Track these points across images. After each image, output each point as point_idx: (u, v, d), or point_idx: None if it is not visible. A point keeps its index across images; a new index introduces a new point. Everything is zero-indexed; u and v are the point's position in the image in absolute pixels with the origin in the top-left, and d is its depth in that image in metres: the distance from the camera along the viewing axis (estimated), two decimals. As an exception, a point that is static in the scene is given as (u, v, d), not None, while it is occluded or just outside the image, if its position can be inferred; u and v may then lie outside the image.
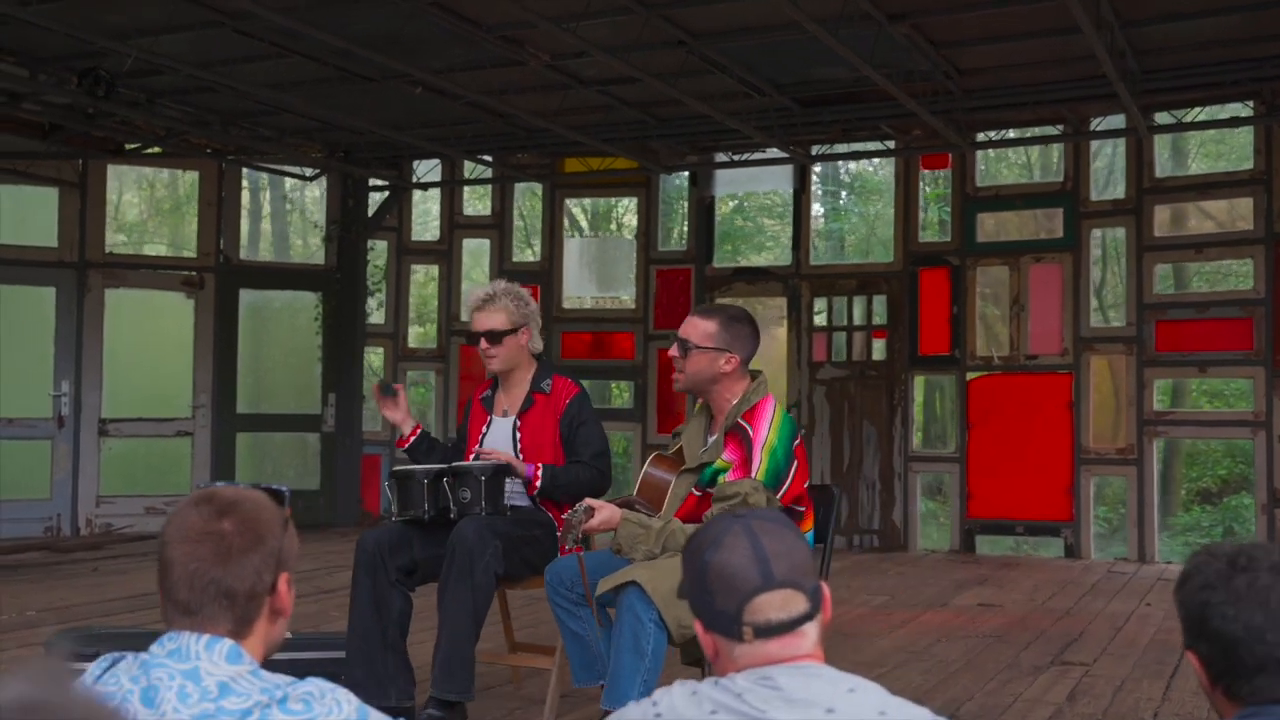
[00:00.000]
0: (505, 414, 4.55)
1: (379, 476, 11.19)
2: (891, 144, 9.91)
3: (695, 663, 3.95)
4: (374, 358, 11.66)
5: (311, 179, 11.48)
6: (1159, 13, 7.07)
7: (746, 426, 3.68)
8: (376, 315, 11.41)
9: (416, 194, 11.71)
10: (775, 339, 11.25)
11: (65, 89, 8.16)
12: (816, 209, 17.92)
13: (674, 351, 3.85)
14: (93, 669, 1.80)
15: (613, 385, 11.63)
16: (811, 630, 1.73)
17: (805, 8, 6.51)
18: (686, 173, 10.92)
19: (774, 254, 15.87)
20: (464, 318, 11.42)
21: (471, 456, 4.53)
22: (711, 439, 3.85)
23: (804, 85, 8.71)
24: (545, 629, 5.95)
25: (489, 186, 11.59)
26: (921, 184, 10.56)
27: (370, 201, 11.27)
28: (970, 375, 9.88)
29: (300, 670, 4.95)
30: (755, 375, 3.86)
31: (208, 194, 10.80)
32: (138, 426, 10.47)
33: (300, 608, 6.84)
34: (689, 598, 1.79)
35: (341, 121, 9.19)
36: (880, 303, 10.23)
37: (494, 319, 4.45)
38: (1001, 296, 10.04)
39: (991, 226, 10.06)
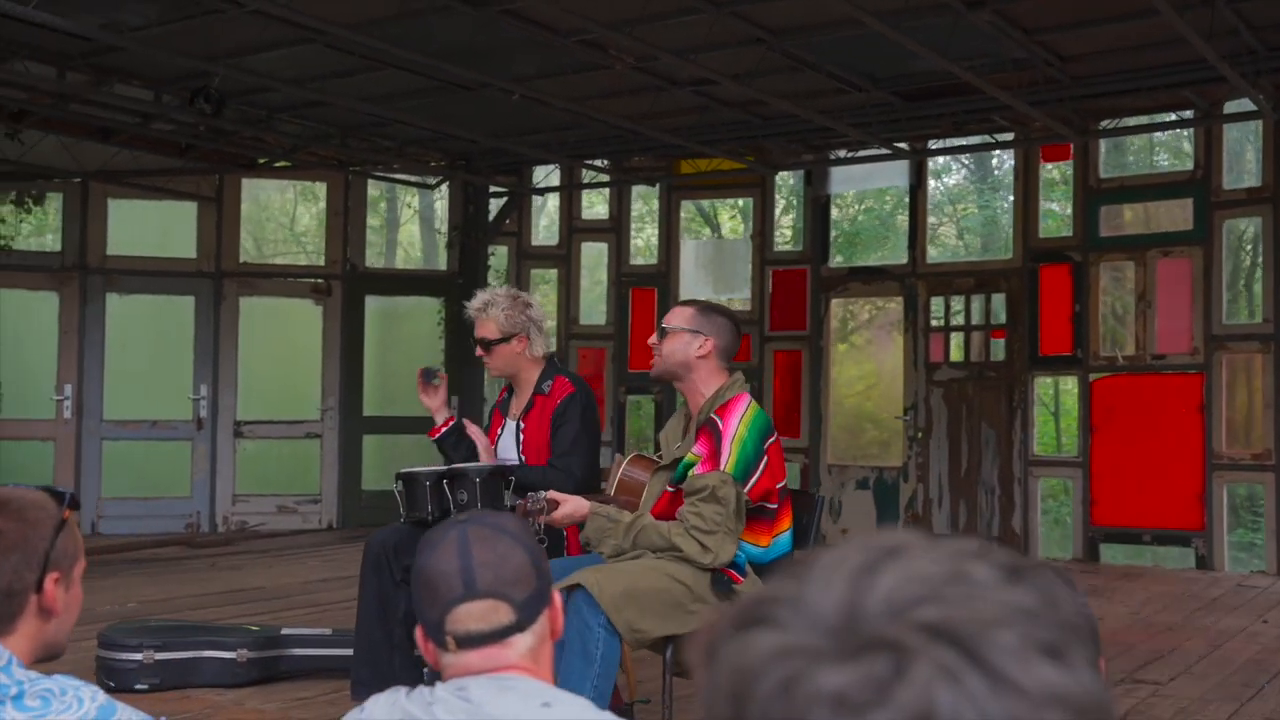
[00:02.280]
0: (514, 417, 4.60)
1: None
2: (1006, 136, 9.52)
3: (683, 673, 3.89)
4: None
5: (433, 187, 11.79)
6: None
7: (718, 420, 3.63)
8: (498, 320, 11.60)
9: (536, 199, 11.87)
10: (892, 341, 11.00)
11: (186, 109, 8.58)
12: (967, 205, 17.42)
13: (652, 339, 3.84)
14: None
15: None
16: (521, 642, 1.68)
17: (875, 1, 6.35)
18: (801, 172, 10.75)
19: (894, 253, 15.47)
20: (584, 321, 11.53)
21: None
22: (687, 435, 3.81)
23: (904, 79, 8.46)
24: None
25: (608, 191, 11.66)
26: (1042, 176, 10.12)
27: (491, 207, 11.49)
28: (1094, 376, 9.41)
29: (322, 666, 5.09)
30: (733, 373, 3.81)
31: (334, 204, 11.21)
32: (270, 428, 10.95)
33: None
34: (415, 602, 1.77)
35: (450, 131, 9.39)
36: (999, 301, 9.85)
37: (484, 328, 4.53)
38: (1127, 293, 9.54)
39: (1116, 220, 9.57)
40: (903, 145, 9.55)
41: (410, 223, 16.07)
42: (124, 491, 10.52)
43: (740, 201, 15.35)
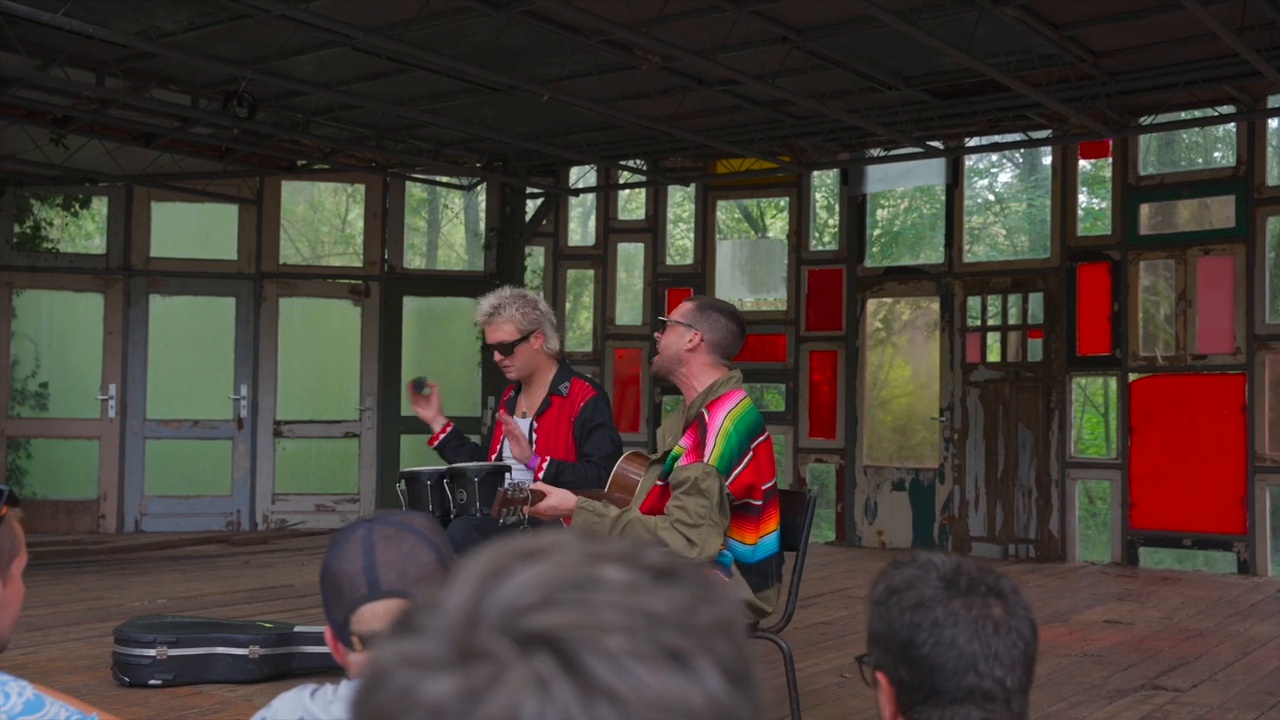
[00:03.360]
0: (524, 415, 4.61)
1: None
2: (1042, 134, 9.39)
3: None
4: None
5: (470, 188, 11.86)
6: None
7: (706, 414, 3.63)
8: (534, 320, 11.65)
9: (573, 200, 11.90)
10: (928, 341, 10.89)
11: (221, 113, 8.70)
12: (1019, 202, 17.20)
13: (658, 333, 3.86)
14: None
15: (765, 389, 11.47)
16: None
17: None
18: (836, 170, 10.67)
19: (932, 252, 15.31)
20: (620, 322, 11.54)
21: (494, 458, 4.62)
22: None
23: (935, 76, 8.37)
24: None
25: (643, 191, 11.66)
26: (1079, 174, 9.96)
27: (528, 208, 11.53)
28: (1132, 376, 9.26)
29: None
30: (730, 369, 3.80)
31: (372, 205, 11.32)
32: (309, 428, 11.07)
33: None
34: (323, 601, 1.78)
35: (482, 132, 9.44)
36: (1036, 301, 9.72)
37: (502, 331, 4.52)
38: (1167, 292, 9.36)
39: (1156, 217, 9.40)
40: (937, 144, 9.45)
41: (452, 224, 16.18)
42: (166, 490, 10.70)
43: (783, 201, 15.30)
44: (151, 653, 4.87)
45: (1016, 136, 9.81)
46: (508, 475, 4.33)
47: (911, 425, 12.81)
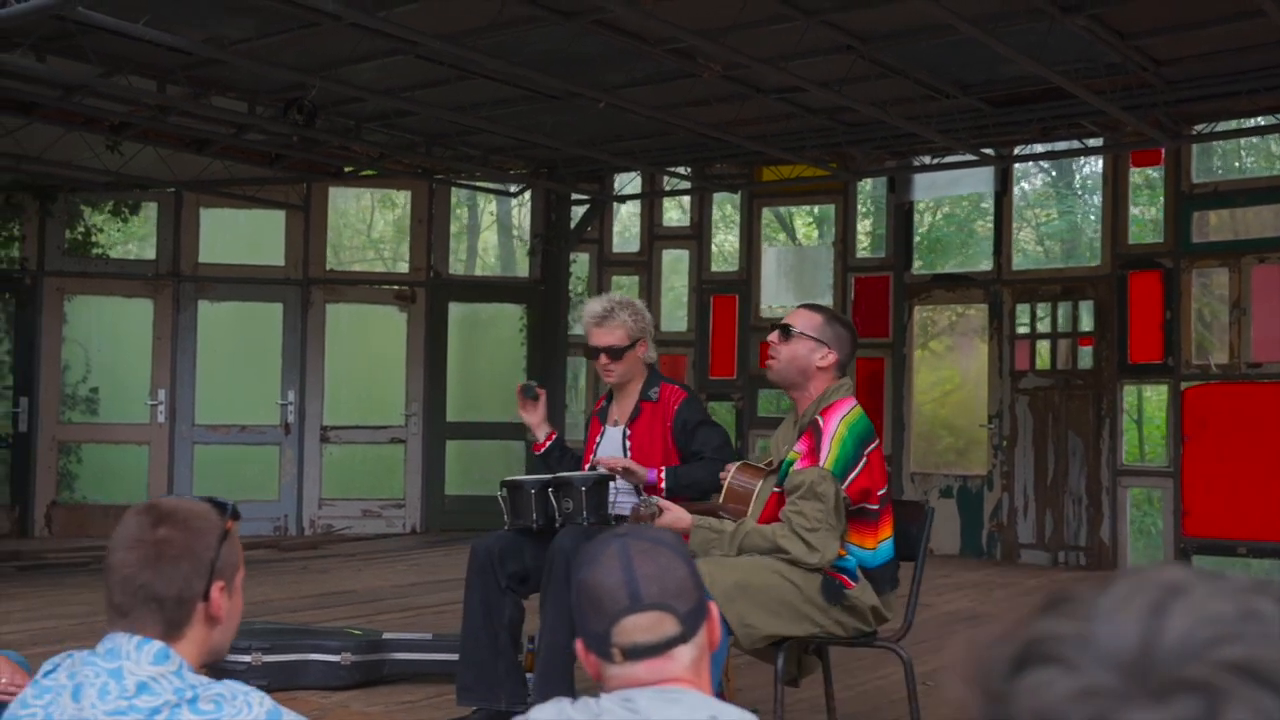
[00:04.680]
0: (616, 424, 4.62)
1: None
2: (1097, 142, 9.40)
3: (791, 682, 3.90)
4: (576, 367, 11.96)
5: (516, 195, 11.89)
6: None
7: (820, 420, 3.65)
8: (578, 326, 11.68)
9: (617, 206, 11.94)
10: (977, 348, 10.89)
11: (279, 120, 8.75)
12: (1048, 211, 17.21)
13: (773, 337, 3.83)
14: (45, 665, 1.96)
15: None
16: (684, 653, 1.70)
17: (970, 7, 6.31)
18: (884, 178, 10.69)
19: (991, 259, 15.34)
20: (666, 328, 11.56)
21: (588, 467, 4.63)
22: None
23: (993, 85, 8.39)
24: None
25: (688, 197, 11.69)
26: (1130, 182, 9.97)
27: (572, 215, 11.57)
28: (1185, 384, 9.26)
29: (423, 670, 5.16)
30: (841, 378, 3.82)
31: (418, 212, 11.36)
32: (355, 433, 11.11)
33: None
34: (575, 615, 1.80)
35: (535, 139, 9.47)
36: (1087, 308, 9.72)
37: (613, 335, 4.52)
38: (1220, 300, 9.36)
39: (1210, 225, 9.40)
40: (989, 151, 9.46)
41: (490, 229, 16.23)
42: (214, 494, 10.70)
43: (816, 208, 15.32)
44: (247, 658, 4.90)
45: (1064, 145, 9.82)
46: (612, 484, 4.35)
47: (948, 432, 12.82)
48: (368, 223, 16.42)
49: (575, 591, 1.76)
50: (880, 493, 3.72)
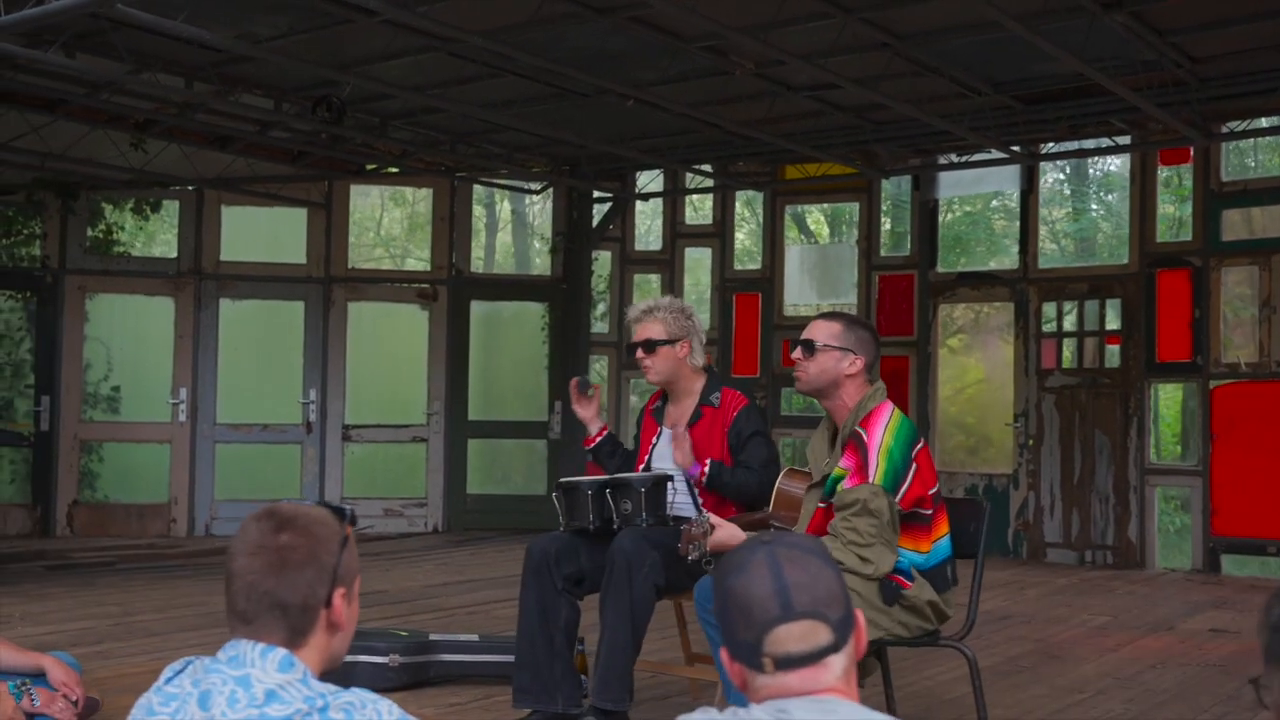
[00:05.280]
0: (673, 426, 4.58)
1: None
2: (1125, 139, 9.37)
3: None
4: (598, 366, 11.93)
5: (538, 192, 11.85)
6: None
7: (862, 433, 3.61)
8: (600, 324, 11.66)
9: (639, 204, 11.90)
10: (1003, 346, 10.86)
11: (304, 117, 8.72)
12: (1062, 209, 17.16)
13: (797, 354, 3.80)
14: (166, 671, 1.93)
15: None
16: (836, 662, 1.67)
17: (1011, 4, 6.28)
18: (909, 176, 10.65)
19: (1012, 257, 15.31)
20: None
21: (642, 467, 4.60)
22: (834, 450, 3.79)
23: (1025, 82, 8.36)
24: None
25: (711, 195, 11.66)
26: (1159, 180, 9.93)
27: (594, 213, 11.53)
28: (1214, 383, 9.22)
29: (470, 672, 5.13)
30: (873, 383, 3.78)
31: (440, 210, 11.32)
32: (376, 432, 11.08)
33: (508, 610, 7.08)
34: (718, 624, 1.76)
35: (561, 136, 9.44)
36: (1114, 307, 9.69)
37: (651, 329, 4.51)
38: (1250, 298, 9.33)
39: (1239, 224, 9.36)
40: (1017, 149, 9.42)
41: (509, 228, 16.20)
42: (236, 494, 10.70)
43: (827, 206, 15.28)
44: (295, 660, 4.86)
45: (1092, 143, 9.79)
46: (670, 486, 4.32)
47: (974, 431, 12.78)
48: (377, 220, 16.39)
49: (721, 600, 1.72)
50: (931, 493, 3.68)
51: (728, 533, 3.62)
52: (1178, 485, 9.71)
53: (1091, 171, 16.99)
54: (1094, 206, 16.81)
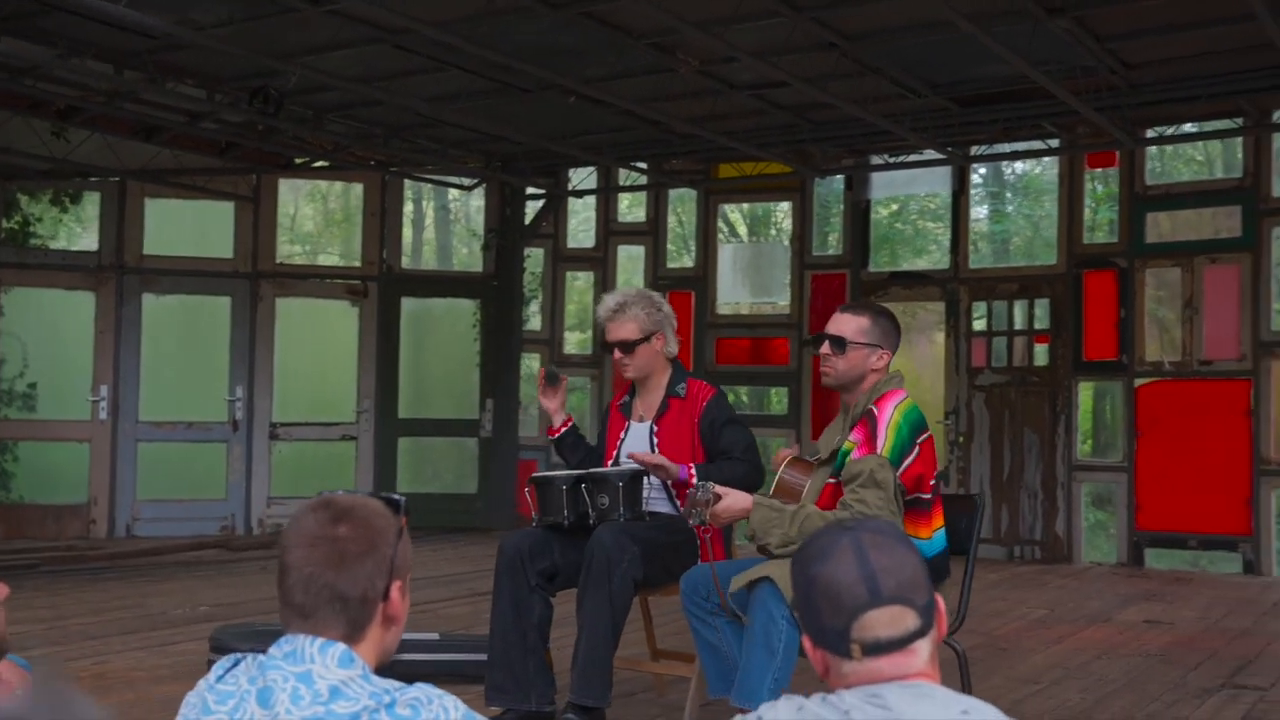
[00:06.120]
0: (642, 419, 4.56)
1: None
2: (1055, 143, 9.57)
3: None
4: (530, 363, 11.85)
5: (470, 189, 11.74)
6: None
7: (874, 409, 3.65)
8: (533, 322, 11.59)
9: (572, 201, 11.85)
10: (933, 344, 11.02)
11: (239, 108, 8.52)
12: (980, 211, 17.50)
13: (826, 349, 3.81)
14: (215, 668, 1.86)
15: (769, 391, 11.51)
16: (923, 647, 1.67)
17: (960, 5, 6.37)
18: (841, 176, 10.76)
19: (935, 258, 15.56)
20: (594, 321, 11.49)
21: (610, 462, 4.56)
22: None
23: (962, 84, 8.50)
24: (687, 635, 5.93)
25: (644, 193, 11.65)
26: (1088, 184, 10.17)
27: (527, 209, 11.46)
28: (1139, 381, 9.47)
29: (432, 671, 5.07)
30: (890, 370, 3.83)
31: (371, 205, 11.15)
32: (305, 430, 10.87)
33: (454, 609, 7.00)
34: (797, 610, 1.75)
35: (499, 132, 9.36)
36: (1042, 306, 9.90)
37: (625, 329, 4.46)
38: (1173, 299, 9.60)
39: (1163, 227, 9.63)
40: (952, 150, 9.57)
41: (441, 224, 16.01)
42: (159, 493, 10.42)
43: (745, 206, 15.36)
44: (254, 662, 4.74)
45: (1023, 145, 9.98)
46: (647, 479, 4.30)
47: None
48: (291, 215, 16.06)
49: (805, 587, 1.71)
50: (931, 481, 3.73)
51: (734, 498, 3.63)
52: (1104, 481, 9.95)
53: (1007, 175, 17.33)
54: (1009, 209, 17.14)
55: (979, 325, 10.21)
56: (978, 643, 6.26)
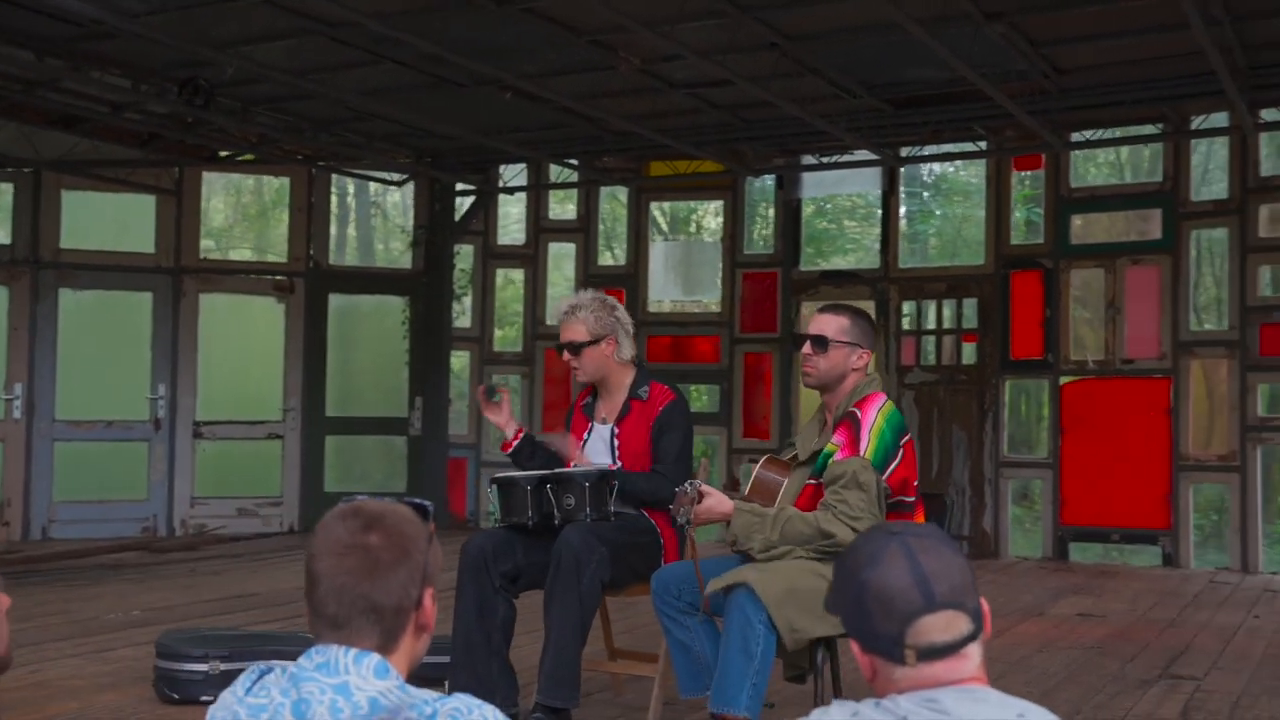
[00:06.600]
0: (604, 421, 4.54)
1: (465, 479, 11.26)
2: (984, 145, 9.75)
3: (797, 679, 3.90)
4: (459, 361, 11.75)
5: (399, 184, 11.60)
6: (1272, 8, 6.87)
7: (856, 412, 3.68)
8: (462, 319, 11.48)
9: (502, 198, 11.76)
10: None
11: (166, 99, 8.30)
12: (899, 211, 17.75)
13: (808, 349, 3.83)
14: (243, 680, 1.80)
15: (697, 389, 11.53)
16: (975, 651, 1.68)
17: (904, 8, 6.44)
18: (772, 176, 10.83)
19: (855, 257, 15.75)
20: (550, 322, 11.44)
21: (573, 465, 4.53)
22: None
23: (897, 86, 8.60)
24: (641, 633, 5.94)
25: (575, 191, 11.61)
26: (1012, 185, 10.37)
27: (457, 206, 11.34)
28: (1064, 379, 9.69)
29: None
30: (869, 372, 3.87)
31: (298, 200, 10.95)
32: (230, 429, 10.65)
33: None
34: (842, 616, 1.75)
35: (431, 127, 9.26)
36: (970, 306, 10.07)
37: (573, 331, 4.46)
38: (1096, 300, 9.83)
39: (1086, 228, 9.86)
40: (878, 154, 9.68)
41: (375, 220, 15.79)
42: (77, 495, 10.13)
43: (666, 205, 15.40)
44: (204, 667, 4.63)
45: (951, 147, 10.15)
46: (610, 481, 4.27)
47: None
48: (220, 210, 15.73)
49: (856, 593, 1.70)
50: (914, 484, 3.77)
51: (716, 499, 3.64)
52: (1029, 477, 10.15)
53: (925, 176, 17.61)
54: (929, 209, 17.42)
55: (908, 324, 10.35)
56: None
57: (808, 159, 10.37)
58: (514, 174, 11.35)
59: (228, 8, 6.79)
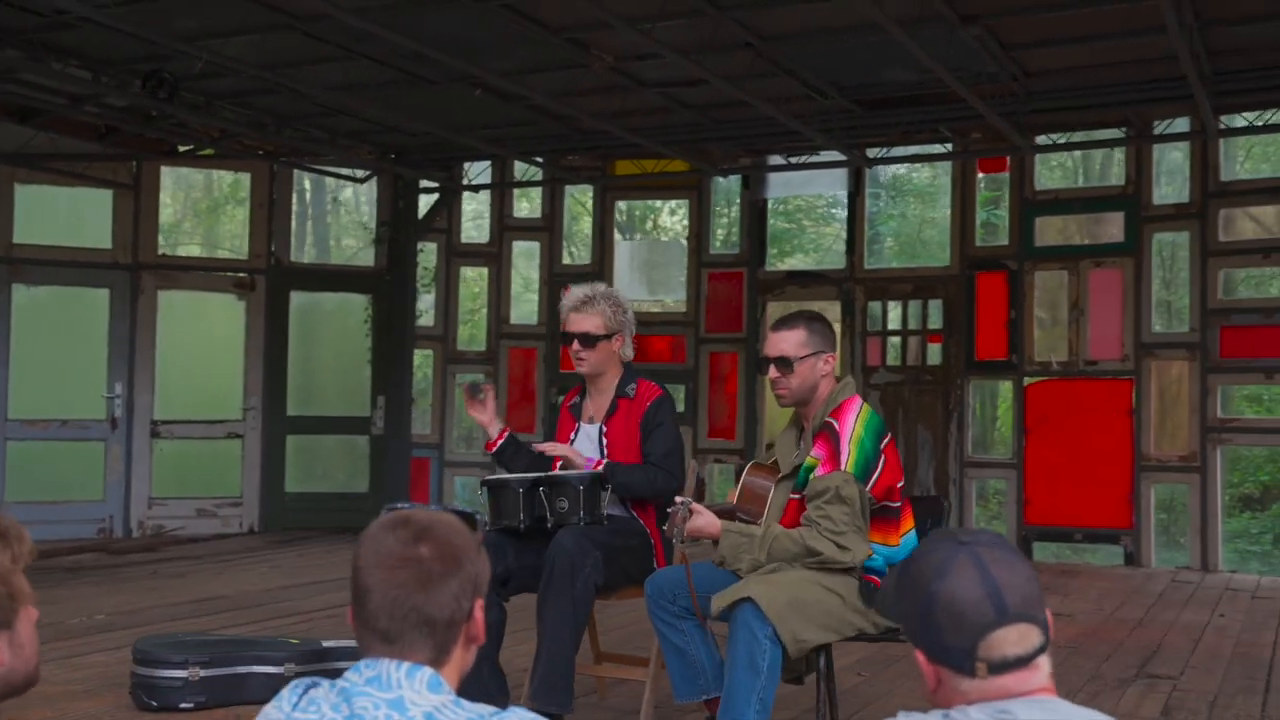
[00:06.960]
0: (592, 420, 4.51)
1: (428, 479, 11.16)
2: (949, 147, 9.81)
3: (795, 680, 3.89)
4: (423, 360, 11.64)
5: (362, 181, 11.46)
6: (1237, 14, 6.96)
7: (833, 422, 3.67)
8: (426, 317, 11.38)
9: (466, 196, 11.67)
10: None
11: (127, 92, 8.14)
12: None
13: (773, 372, 3.81)
14: (288, 695, 1.75)
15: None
16: (1045, 662, 1.66)
17: (881, 9, 6.45)
18: (738, 175, 10.83)
19: (815, 256, 15.80)
20: (515, 320, 11.36)
21: (559, 465, 4.48)
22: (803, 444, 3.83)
23: (867, 88, 8.63)
24: (624, 635, 5.91)
25: (539, 189, 11.54)
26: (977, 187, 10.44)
27: (420, 203, 11.24)
28: (1028, 380, 9.77)
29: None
30: (840, 377, 3.86)
31: (259, 196, 10.80)
32: (189, 428, 10.47)
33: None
34: (906, 626, 1.72)
35: (397, 124, 9.16)
36: (936, 307, 10.13)
37: (589, 322, 4.40)
38: (1060, 301, 9.92)
39: (1050, 231, 9.95)
40: (847, 155, 9.71)
41: (338, 217, 15.60)
42: (30, 495, 9.89)
43: (624, 204, 15.38)
44: (183, 674, 4.54)
45: (916, 149, 10.20)
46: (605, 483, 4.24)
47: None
48: (180, 204, 15.47)
49: (925, 605, 1.68)
50: (899, 486, 3.76)
51: (706, 519, 3.62)
52: (994, 477, 10.23)
53: (883, 177, 17.70)
54: (887, 210, 17.51)
55: (874, 325, 10.40)
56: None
57: (775, 159, 10.38)
58: (478, 172, 11.26)
59: (190, 1, 6.66)
